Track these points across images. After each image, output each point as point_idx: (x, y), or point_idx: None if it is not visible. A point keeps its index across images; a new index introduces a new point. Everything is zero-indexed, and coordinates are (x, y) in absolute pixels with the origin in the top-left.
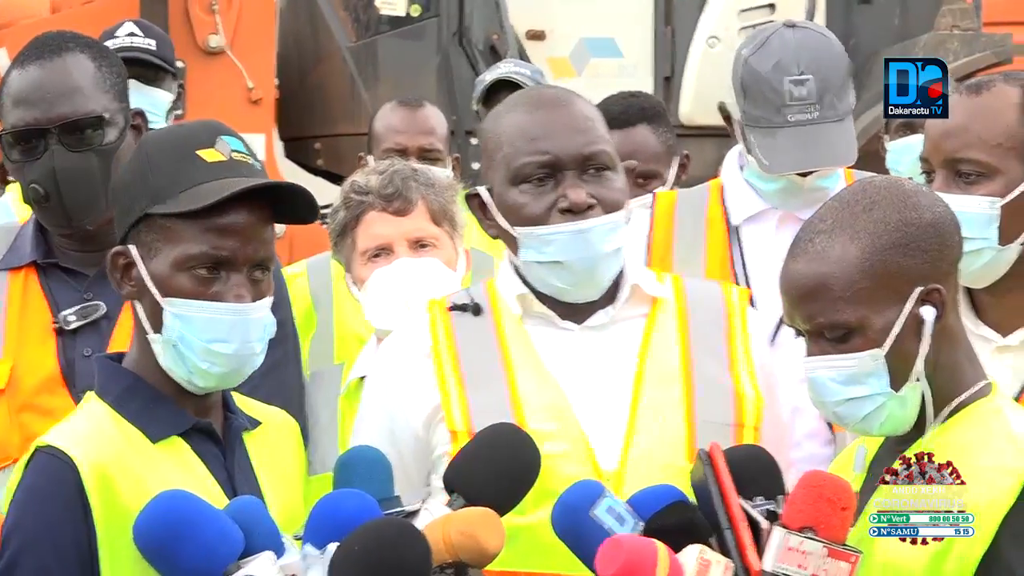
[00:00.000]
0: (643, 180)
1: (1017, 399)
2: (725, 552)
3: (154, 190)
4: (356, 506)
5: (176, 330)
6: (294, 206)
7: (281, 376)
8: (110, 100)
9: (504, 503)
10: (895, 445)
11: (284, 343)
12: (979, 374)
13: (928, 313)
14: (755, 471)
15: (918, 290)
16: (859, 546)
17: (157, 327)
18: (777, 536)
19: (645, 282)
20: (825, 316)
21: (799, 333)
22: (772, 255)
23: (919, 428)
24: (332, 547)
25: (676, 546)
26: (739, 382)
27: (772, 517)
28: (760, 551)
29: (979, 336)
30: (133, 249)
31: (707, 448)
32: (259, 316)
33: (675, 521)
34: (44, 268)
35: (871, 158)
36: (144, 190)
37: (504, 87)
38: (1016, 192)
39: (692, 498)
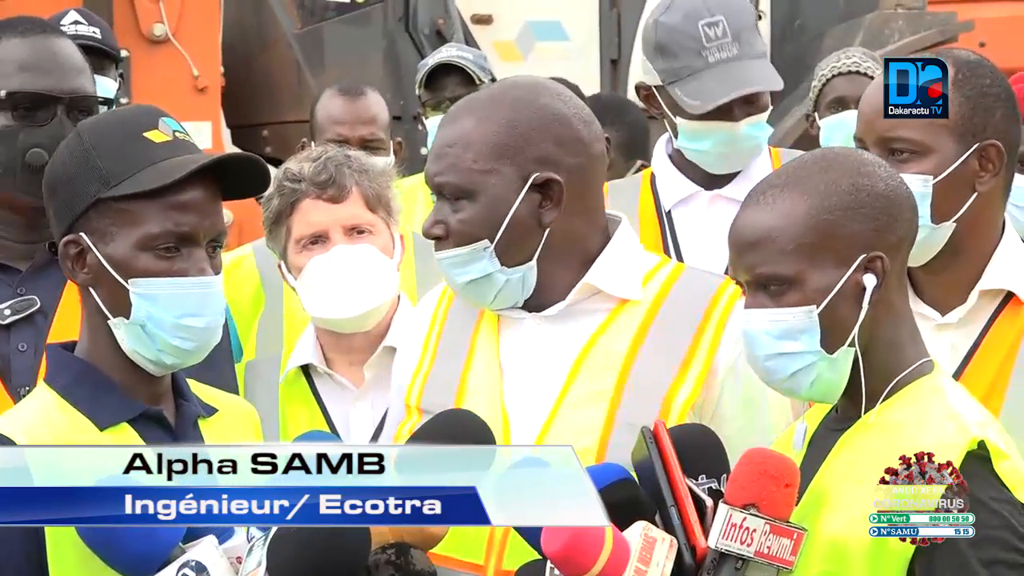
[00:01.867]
0: None
1: (956, 377)
2: (669, 529)
3: (104, 175)
4: None
5: (144, 310)
6: (245, 179)
7: (215, 369)
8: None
9: None
10: (834, 423)
11: None
12: (921, 352)
13: (869, 281)
14: (699, 450)
15: (861, 256)
16: (803, 523)
17: (117, 311)
18: (721, 513)
19: (608, 283)
20: (766, 267)
21: (741, 286)
22: (704, 236)
23: (858, 406)
24: (273, 528)
25: (619, 523)
26: (678, 386)
27: (716, 496)
28: (704, 529)
29: (918, 314)
30: (84, 236)
31: (651, 426)
32: (220, 290)
33: (619, 498)
34: None
35: (812, 139)
36: (91, 176)
37: (446, 71)
38: (949, 170)
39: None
